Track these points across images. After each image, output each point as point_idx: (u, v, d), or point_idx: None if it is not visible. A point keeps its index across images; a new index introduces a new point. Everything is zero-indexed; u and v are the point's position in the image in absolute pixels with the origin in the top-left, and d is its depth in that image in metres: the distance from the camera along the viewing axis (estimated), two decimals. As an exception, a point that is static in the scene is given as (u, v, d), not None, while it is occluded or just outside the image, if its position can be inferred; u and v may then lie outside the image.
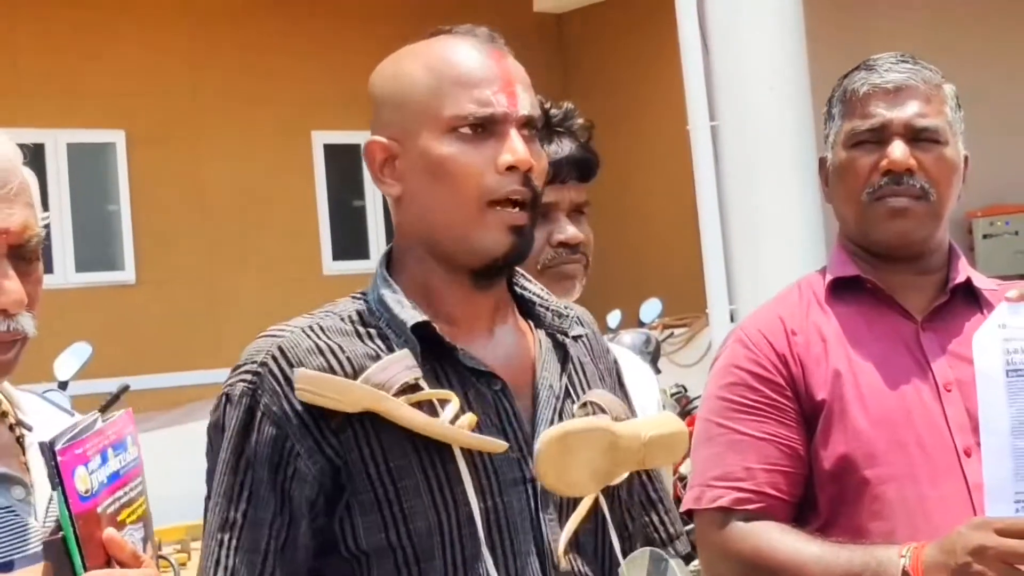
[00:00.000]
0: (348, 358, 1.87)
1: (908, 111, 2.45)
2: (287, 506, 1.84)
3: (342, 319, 1.92)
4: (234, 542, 1.84)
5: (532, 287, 2.05)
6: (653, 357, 8.22)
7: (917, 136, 2.44)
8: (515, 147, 1.87)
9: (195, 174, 13.49)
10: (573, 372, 2.02)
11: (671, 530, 2.15)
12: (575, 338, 2.05)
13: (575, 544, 1.92)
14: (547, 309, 2.03)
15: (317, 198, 14.29)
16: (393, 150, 1.92)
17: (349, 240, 14.40)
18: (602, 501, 1.95)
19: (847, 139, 2.49)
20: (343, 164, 14.31)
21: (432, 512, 1.83)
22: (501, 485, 1.87)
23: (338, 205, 14.45)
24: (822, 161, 2.58)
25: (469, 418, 1.85)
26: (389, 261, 1.98)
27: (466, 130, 1.88)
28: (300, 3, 13.98)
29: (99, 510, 1.74)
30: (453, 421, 1.84)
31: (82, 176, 13.16)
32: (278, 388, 1.85)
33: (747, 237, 7.77)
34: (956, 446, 2.36)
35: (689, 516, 2.51)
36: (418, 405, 1.84)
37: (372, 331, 1.90)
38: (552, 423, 1.92)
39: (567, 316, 2.04)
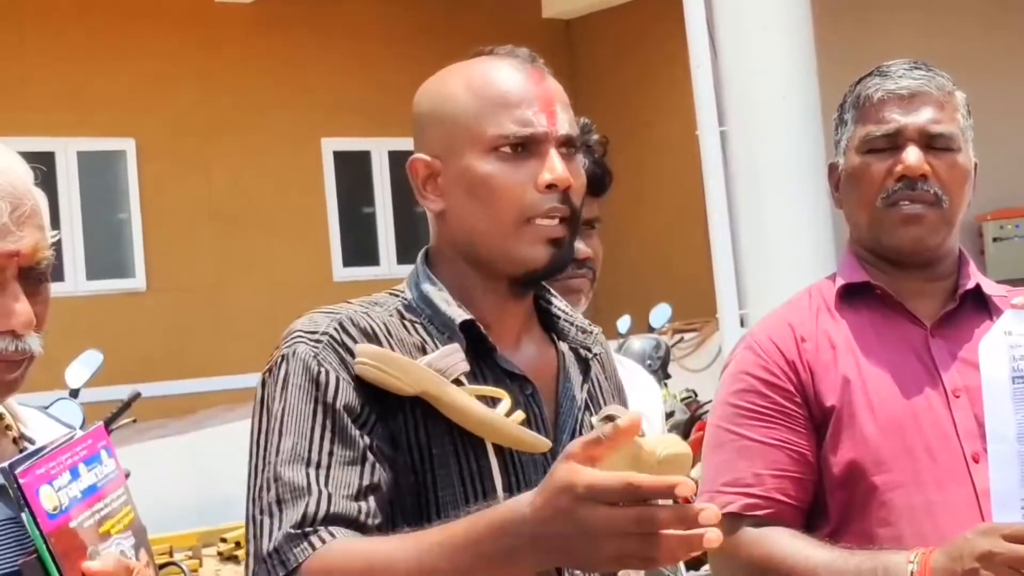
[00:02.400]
0: (396, 344, 1.91)
1: (922, 117, 2.46)
2: (373, 451, 1.84)
3: (387, 310, 1.96)
4: (323, 476, 1.80)
5: (557, 302, 2.09)
6: (663, 362, 8.22)
7: (931, 143, 2.45)
8: (554, 166, 1.91)
9: (205, 182, 13.52)
10: (593, 386, 2.07)
11: None
12: (594, 355, 2.10)
13: None
14: (572, 324, 2.07)
15: (327, 205, 14.31)
16: (435, 167, 1.96)
17: (359, 247, 14.42)
18: None
19: (861, 144, 2.49)
20: (353, 171, 14.32)
21: (463, 502, 1.87)
22: (527, 485, 1.89)
23: (348, 212, 14.46)
24: (832, 167, 2.58)
25: (520, 415, 1.89)
26: (427, 262, 2.02)
27: (507, 149, 1.92)
28: (309, 12, 13.99)
29: (72, 525, 1.76)
30: (508, 415, 1.88)
31: (92, 185, 13.19)
32: (343, 356, 1.86)
33: (756, 241, 7.77)
34: (964, 452, 2.37)
35: (699, 522, 2.52)
36: None
37: (417, 324, 1.95)
38: (574, 432, 1.97)
39: (591, 333, 2.09)
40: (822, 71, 7.89)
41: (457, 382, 1.87)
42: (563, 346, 2.06)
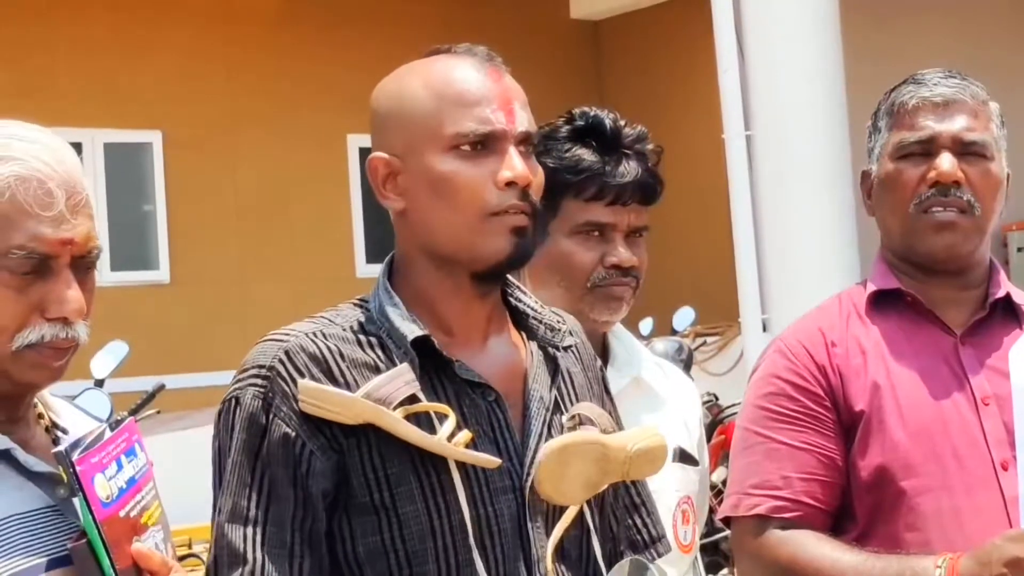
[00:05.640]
0: (348, 366, 1.93)
1: (956, 125, 2.47)
2: (308, 502, 1.89)
3: (344, 327, 1.98)
4: (259, 538, 1.87)
5: (526, 299, 2.10)
6: (685, 365, 8.21)
7: (965, 150, 2.46)
8: (514, 164, 1.94)
9: (231, 176, 13.54)
10: (563, 384, 2.08)
11: (653, 532, 2.19)
12: (565, 348, 2.10)
13: (559, 552, 1.98)
14: (540, 322, 2.08)
15: (351, 201, 14.32)
16: (395, 166, 1.99)
17: (383, 243, 14.35)
18: (586, 510, 2.02)
19: (895, 151, 2.50)
20: (378, 167, 14.31)
21: (425, 518, 1.90)
22: (492, 494, 1.94)
23: (372, 208, 14.42)
24: (865, 174, 2.59)
25: (465, 435, 1.91)
26: (390, 271, 2.05)
27: (467, 147, 1.95)
28: (336, 8, 14.01)
29: (121, 514, 1.80)
30: (450, 437, 1.90)
31: (119, 176, 13.22)
32: (287, 389, 1.90)
33: (780, 246, 7.77)
34: (993, 459, 2.38)
35: (726, 523, 2.54)
36: (415, 416, 1.90)
37: (373, 340, 1.97)
38: (541, 435, 1.99)
39: (559, 330, 2.09)
40: (849, 76, 7.88)
41: (412, 399, 1.90)
42: (532, 345, 2.07)
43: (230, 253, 13.47)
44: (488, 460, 1.91)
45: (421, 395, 1.91)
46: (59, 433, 1.98)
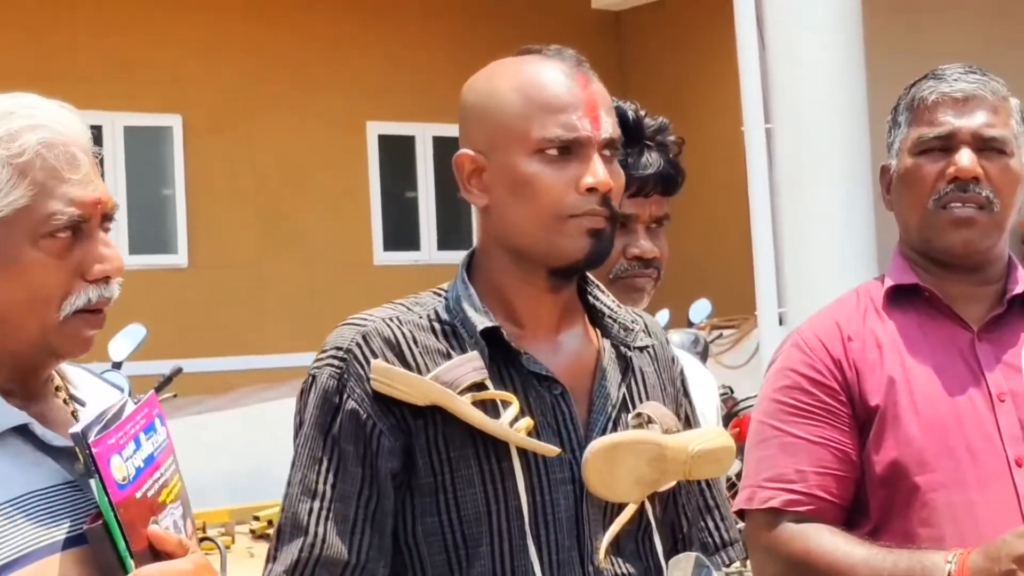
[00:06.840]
0: (420, 352, 2.00)
1: (976, 120, 2.47)
2: (375, 479, 1.96)
3: (421, 315, 2.04)
4: (323, 512, 1.95)
5: (604, 298, 2.15)
6: (701, 357, 8.21)
7: (984, 146, 2.46)
8: (596, 170, 1.99)
9: (250, 161, 13.56)
10: (633, 383, 2.11)
11: (725, 536, 2.22)
12: (641, 349, 2.14)
13: (615, 546, 2.01)
14: (615, 321, 2.12)
15: (370, 188, 14.33)
16: (481, 163, 2.03)
17: (400, 231, 14.43)
18: (647, 506, 2.05)
19: (914, 146, 2.50)
20: (397, 155, 14.33)
21: (483, 501, 1.96)
22: (550, 483, 1.98)
23: (390, 196, 14.48)
24: (884, 169, 2.59)
25: (526, 422, 1.96)
26: (470, 263, 2.10)
27: (552, 151, 1.99)
28: (358, -6, 14.03)
29: (138, 495, 1.82)
30: (512, 423, 1.95)
31: (138, 159, 13.24)
32: (362, 372, 1.98)
33: (798, 240, 7.75)
34: (1007, 455, 2.38)
35: (740, 516, 2.55)
36: (482, 403, 1.96)
37: (447, 328, 2.03)
38: (605, 430, 2.03)
39: (633, 330, 2.13)
40: (870, 71, 7.86)
41: (479, 387, 1.96)
42: (605, 342, 2.11)
43: (248, 238, 13.49)
44: (547, 448, 1.96)
45: (489, 383, 1.98)
46: (77, 406, 1.99)
